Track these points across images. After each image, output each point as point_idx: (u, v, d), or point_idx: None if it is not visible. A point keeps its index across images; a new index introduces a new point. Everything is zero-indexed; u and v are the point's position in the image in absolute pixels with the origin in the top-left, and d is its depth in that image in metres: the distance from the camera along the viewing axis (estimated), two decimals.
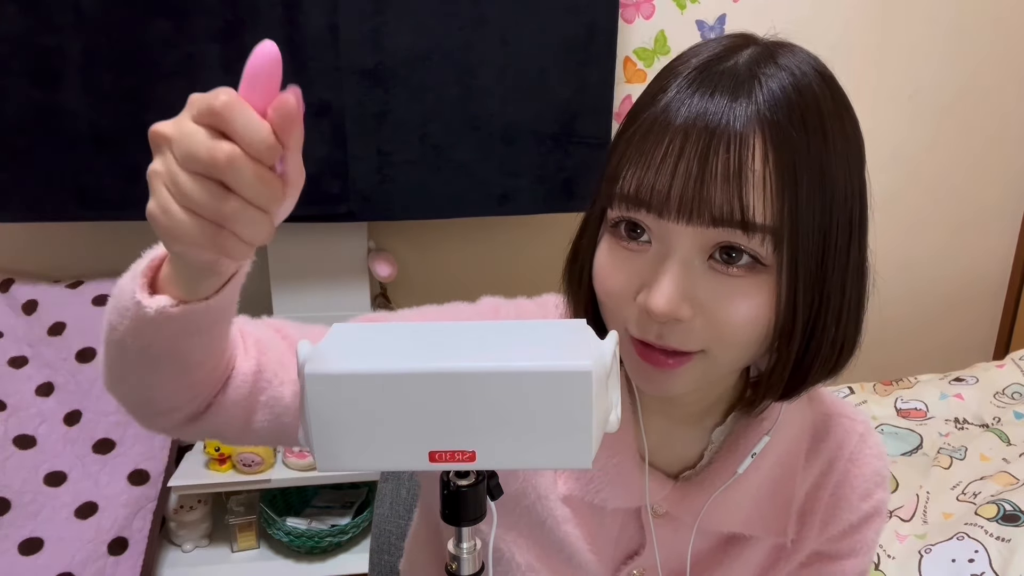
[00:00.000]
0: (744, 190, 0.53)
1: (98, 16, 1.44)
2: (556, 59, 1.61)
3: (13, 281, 1.71)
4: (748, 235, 0.54)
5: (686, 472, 0.71)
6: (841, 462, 0.72)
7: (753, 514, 0.69)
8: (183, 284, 0.50)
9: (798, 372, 0.60)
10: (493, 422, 0.44)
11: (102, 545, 1.52)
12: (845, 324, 0.60)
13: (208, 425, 0.62)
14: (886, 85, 2.06)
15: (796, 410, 0.70)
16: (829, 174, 0.55)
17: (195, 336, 0.53)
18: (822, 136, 0.55)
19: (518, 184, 1.67)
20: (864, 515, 0.73)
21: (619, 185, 0.57)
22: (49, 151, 1.50)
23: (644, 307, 0.56)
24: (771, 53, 0.57)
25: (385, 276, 1.77)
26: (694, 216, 0.54)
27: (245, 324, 0.65)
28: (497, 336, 0.49)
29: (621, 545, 0.72)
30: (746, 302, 0.56)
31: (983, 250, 2.28)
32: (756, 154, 0.53)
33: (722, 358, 0.59)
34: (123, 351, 0.55)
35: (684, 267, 0.56)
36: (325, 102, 1.54)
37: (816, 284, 0.57)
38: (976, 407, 1.82)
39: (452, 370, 0.43)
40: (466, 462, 0.45)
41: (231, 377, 0.62)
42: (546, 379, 0.43)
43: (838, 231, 0.57)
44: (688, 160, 0.53)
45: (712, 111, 0.53)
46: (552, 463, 0.46)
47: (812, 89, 0.56)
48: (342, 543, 1.74)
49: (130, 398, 0.60)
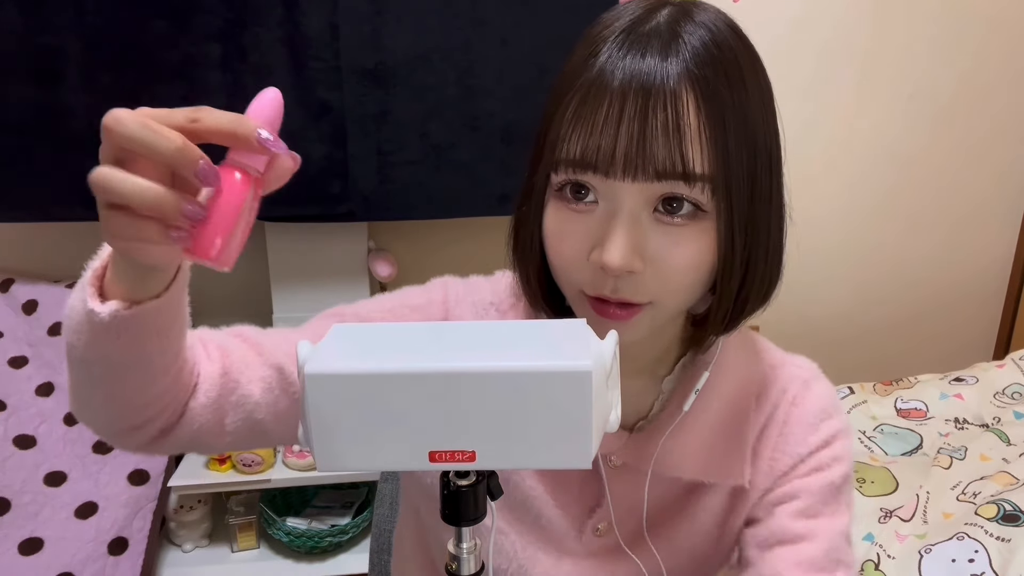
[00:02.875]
0: (683, 144, 0.56)
1: (98, 16, 1.44)
2: (556, 59, 1.61)
3: (13, 281, 1.71)
4: (690, 185, 0.57)
5: (639, 423, 0.73)
6: (784, 405, 0.73)
7: (708, 459, 0.70)
8: (129, 285, 0.51)
9: (736, 306, 0.64)
10: (493, 422, 0.44)
11: (102, 545, 1.52)
12: (773, 258, 0.64)
13: (183, 434, 0.63)
14: (885, 85, 2.06)
15: (742, 356, 0.73)
16: (751, 121, 0.59)
17: (153, 338, 0.54)
18: (743, 86, 0.59)
19: (518, 184, 1.66)
20: (814, 450, 0.72)
21: (563, 150, 0.59)
22: (49, 151, 1.50)
23: (599, 264, 0.59)
24: (687, 11, 0.60)
25: (385, 276, 1.77)
26: (639, 173, 0.57)
27: (204, 333, 0.67)
28: (497, 336, 0.49)
29: (583, 500, 0.74)
30: (690, 248, 0.59)
31: (983, 250, 2.28)
32: (690, 109, 0.56)
33: (670, 303, 0.62)
34: (86, 367, 0.56)
35: (632, 221, 0.59)
36: (325, 102, 1.54)
37: (748, 224, 0.60)
38: (976, 407, 1.82)
39: (452, 370, 0.43)
40: (466, 462, 0.45)
41: (198, 383, 0.63)
42: (546, 379, 0.43)
43: (761, 172, 0.60)
44: (629, 120, 0.56)
45: (645, 71, 0.56)
46: (552, 463, 0.46)
47: (728, 43, 0.59)
48: (342, 543, 1.74)
49: (100, 417, 0.61)
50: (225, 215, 0.44)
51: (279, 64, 1.50)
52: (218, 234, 0.44)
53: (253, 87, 0.46)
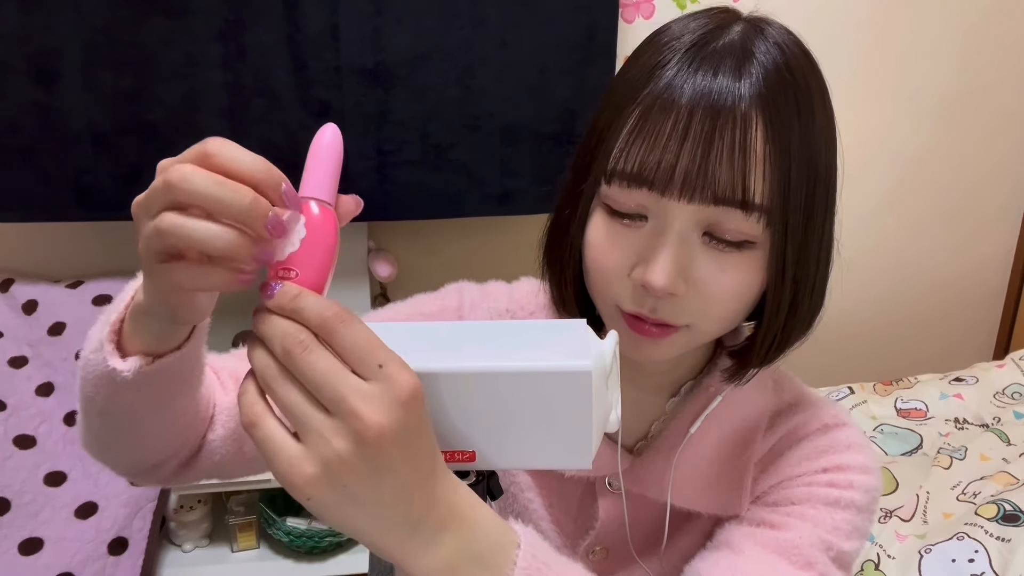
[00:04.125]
0: (747, 169, 0.54)
1: (98, 16, 1.44)
2: (556, 59, 1.61)
3: (13, 281, 1.71)
4: (746, 213, 0.55)
5: (639, 444, 0.71)
6: (795, 438, 0.69)
7: (707, 490, 0.68)
8: (152, 339, 0.50)
9: (780, 339, 0.62)
10: (493, 422, 0.44)
11: (102, 545, 1.52)
12: (819, 291, 0.62)
13: (203, 465, 0.63)
14: (886, 86, 2.06)
15: (755, 384, 0.69)
16: (814, 152, 0.57)
17: (175, 386, 0.54)
18: (810, 115, 0.57)
19: (518, 184, 1.67)
20: (825, 469, 0.66)
21: (620, 162, 0.57)
22: (49, 151, 1.50)
23: (641, 282, 0.57)
24: (759, 28, 0.58)
25: (385, 276, 1.77)
26: (696, 194, 0.55)
27: (215, 361, 0.66)
28: (497, 336, 0.49)
29: (580, 519, 0.72)
30: (737, 277, 0.57)
31: (983, 250, 2.28)
32: (758, 134, 0.54)
33: (707, 329, 0.60)
34: (107, 418, 0.55)
35: (681, 243, 0.56)
36: (325, 102, 1.54)
37: (800, 256, 0.58)
38: (976, 407, 1.82)
39: (452, 370, 0.43)
40: (466, 462, 0.45)
41: (215, 415, 0.63)
42: (546, 379, 0.43)
43: (818, 204, 0.58)
44: (694, 139, 0.54)
45: (717, 90, 0.54)
46: (552, 463, 0.46)
47: (801, 68, 0.57)
48: (342, 543, 1.74)
49: (121, 461, 0.60)
50: (323, 251, 0.43)
51: (279, 64, 1.50)
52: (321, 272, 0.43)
53: (253, 87, 0.46)
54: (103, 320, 0.52)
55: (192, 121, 1.50)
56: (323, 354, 0.40)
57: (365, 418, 0.39)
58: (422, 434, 0.41)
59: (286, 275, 0.42)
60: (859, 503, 0.65)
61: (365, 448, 0.39)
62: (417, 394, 0.40)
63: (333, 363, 0.40)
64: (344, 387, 0.39)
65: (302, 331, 0.40)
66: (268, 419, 0.41)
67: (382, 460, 0.39)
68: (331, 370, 0.39)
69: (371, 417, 0.39)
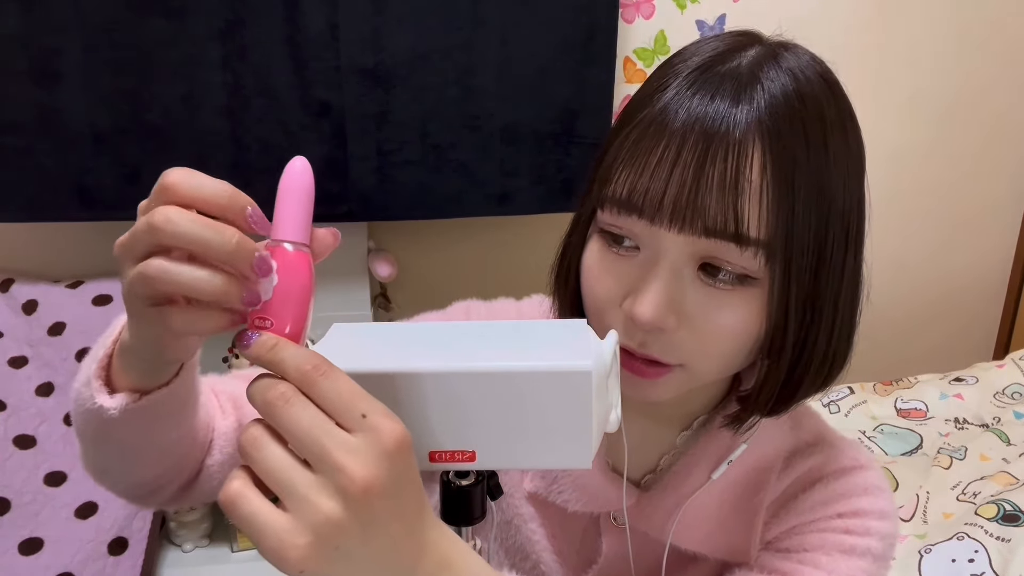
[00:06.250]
0: (740, 201, 0.51)
1: (98, 16, 1.44)
2: (556, 59, 1.61)
3: (13, 281, 1.71)
4: (741, 248, 0.52)
5: (647, 478, 0.68)
6: (805, 481, 0.66)
7: (715, 534, 0.66)
8: (139, 376, 0.49)
9: (787, 388, 0.58)
10: (493, 422, 0.44)
11: (102, 545, 1.52)
12: (837, 338, 0.58)
13: (203, 489, 0.62)
14: (885, 86, 2.06)
15: (776, 428, 0.66)
16: (828, 187, 0.53)
17: (166, 419, 0.53)
18: (823, 147, 0.53)
19: (518, 184, 1.67)
20: (840, 514, 0.63)
21: (611, 188, 0.55)
22: (48, 151, 1.50)
23: (629, 314, 0.54)
24: (775, 54, 0.55)
25: (385, 276, 1.77)
26: (686, 225, 0.52)
27: (216, 383, 0.64)
28: (497, 336, 0.49)
29: (583, 552, 0.70)
30: (733, 315, 0.54)
31: (983, 250, 2.28)
32: (754, 164, 0.51)
33: (702, 370, 0.57)
34: (99, 447, 0.55)
35: (672, 275, 0.54)
36: (325, 102, 1.54)
37: (809, 298, 0.55)
38: (976, 407, 1.82)
39: (452, 370, 0.43)
40: (466, 462, 0.45)
41: (213, 440, 0.61)
42: (546, 379, 0.43)
43: (834, 244, 0.55)
44: (684, 166, 0.51)
45: (711, 115, 0.51)
46: (552, 463, 0.46)
47: (815, 96, 0.54)
48: None
49: (119, 486, 0.60)
50: (297, 297, 0.43)
51: (279, 64, 1.50)
52: (298, 319, 0.43)
53: (253, 87, 0.46)
54: (92, 356, 0.51)
55: (192, 121, 1.50)
56: (306, 407, 0.39)
57: (350, 472, 0.38)
58: (409, 482, 0.41)
59: (262, 324, 0.41)
60: (876, 551, 0.62)
61: (353, 504, 0.38)
62: (404, 442, 0.40)
63: (316, 416, 0.39)
64: (328, 441, 0.38)
65: (282, 383, 0.40)
66: (248, 493, 0.39)
67: (370, 514, 0.39)
68: (314, 423, 0.39)
69: (356, 471, 0.38)
